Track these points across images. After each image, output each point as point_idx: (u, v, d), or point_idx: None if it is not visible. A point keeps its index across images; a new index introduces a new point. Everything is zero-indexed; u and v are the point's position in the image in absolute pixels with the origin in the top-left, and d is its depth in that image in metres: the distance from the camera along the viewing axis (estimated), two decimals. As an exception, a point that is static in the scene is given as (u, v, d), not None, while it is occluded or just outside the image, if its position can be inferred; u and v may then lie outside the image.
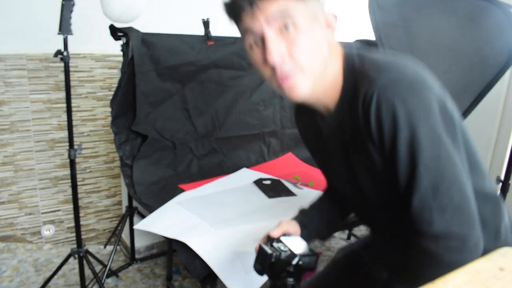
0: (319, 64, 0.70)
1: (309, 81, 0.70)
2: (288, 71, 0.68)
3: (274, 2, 0.66)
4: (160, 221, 1.36)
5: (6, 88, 2.13)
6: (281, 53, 0.68)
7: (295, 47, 0.68)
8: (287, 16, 0.67)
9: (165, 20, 2.37)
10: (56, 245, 2.36)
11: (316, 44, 0.70)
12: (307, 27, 0.68)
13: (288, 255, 0.75)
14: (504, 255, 0.45)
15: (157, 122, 1.73)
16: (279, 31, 0.68)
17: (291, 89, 0.70)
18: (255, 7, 0.67)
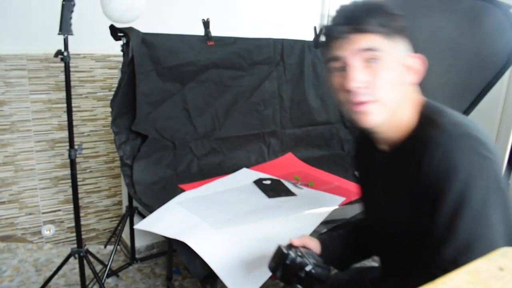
0: (394, 101, 0.75)
1: (382, 112, 0.75)
2: (363, 100, 0.74)
3: (366, 38, 0.73)
4: (160, 221, 1.36)
5: (7, 88, 2.13)
6: (360, 82, 0.73)
7: (376, 79, 0.73)
8: (374, 52, 0.73)
9: (165, 20, 2.37)
10: (57, 245, 2.37)
11: (395, 82, 0.75)
12: (391, 64, 0.74)
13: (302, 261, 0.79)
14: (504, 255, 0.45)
15: (157, 122, 1.73)
16: (364, 63, 0.74)
17: (363, 114, 0.75)
18: (347, 38, 0.74)
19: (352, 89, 0.73)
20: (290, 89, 2.10)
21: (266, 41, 1.98)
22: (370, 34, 0.73)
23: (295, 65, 2.09)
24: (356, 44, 0.73)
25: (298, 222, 1.36)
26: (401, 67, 0.76)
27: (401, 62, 0.76)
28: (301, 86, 2.13)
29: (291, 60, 2.07)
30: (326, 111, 2.23)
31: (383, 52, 0.73)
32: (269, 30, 2.22)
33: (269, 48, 1.99)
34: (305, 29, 2.25)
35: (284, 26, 2.77)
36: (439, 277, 0.64)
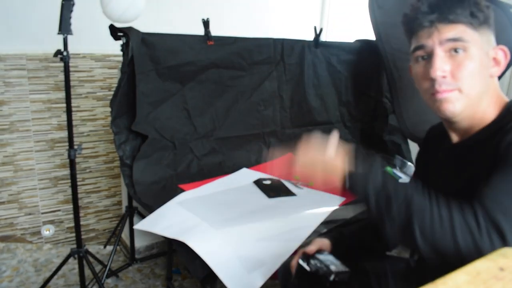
0: (476, 91, 0.76)
1: (463, 102, 0.76)
2: (446, 89, 0.75)
3: (453, 27, 0.74)
4: (160, 221, 1.35)
5: (6, 88, 2.13)
6: (444, 70, 0.75)
7: (460, 69, 0.74)
8: (460, 42, 0.74)
9: (165, 20, 2.37)
10: (56, 245, 2.36)
11: (479, 73, 0.75)
12: (476, 55, 0.74)
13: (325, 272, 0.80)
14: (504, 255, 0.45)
15: (157, 122, 1.73)
16: (448, 52, 0.75)
17: (443, 101, 0.76)
18: (434, 28, 0.75)
19: (436, 77, 0.74)
20: (290, 89, 2.10)
21: (266, 41, 1.98)
22: (458, 24, 0.74)
23: (295, 65, 2.08)
24: (443, 34, 0.74)
25: (298, 222, 1.36)
26: (485, 59, 0.76)
27: (485, 54, 0.76)
28: (301, 86, 2.12)
29: (291, 60, 2.07)
30: (326, 111, 2.23)
31: (469, 43, 0.74)
32: (269, 30, 2.22)
33: (269, 48, 1.99)
34: (305, 29, 2.25)
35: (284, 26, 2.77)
36: (487, 204, 0.62)
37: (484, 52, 0.76)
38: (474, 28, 0.74)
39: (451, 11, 0.73)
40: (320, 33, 2.11)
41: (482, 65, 0.75)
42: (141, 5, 1.61)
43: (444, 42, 0.74)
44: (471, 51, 0.74)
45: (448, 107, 0.76)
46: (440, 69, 0.74)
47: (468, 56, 0.74)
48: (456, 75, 0.74)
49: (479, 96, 0.76)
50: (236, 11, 2.65)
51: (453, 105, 0.76)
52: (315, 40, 2.11)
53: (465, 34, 0.74)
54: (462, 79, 0.74)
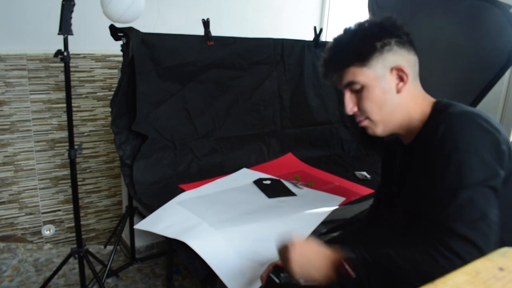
0: (383, 114, 0.86)
1: (378, 126, 0.87)
2: (359, 119, 0.88)
3: (345, 73, 0.86)
4: (160, 221, 1.36)
5: (7, 88, 2.13)
6: (351, 108, 0.88)
7: (362, 104, 0.86)
8: (354, 84, 0.85)
9: (165, 20, 2.37)
10: (56, 245, 2.37)
11: (381, 100, 0.85)
12: (372, 87, 0.84)
13: (294, 285, 0.82)
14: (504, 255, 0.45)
15: (157, 122, 1.73)
16: (354, 91, 0.87)
17: (367, 128, 0.89)
18: (334, 76, 0.89)
19: (349, 113, 0.88)
20: (290, 89, 2.10)
21: (266, 41, 1.98)
22: (348, 68, 0.85)
23: (295, 65, 2.08)
24: (340, 81, 0.88)
25: (298, 222, 1.36)
26: (384, 85, 0.84)
27: (383, 79, 0.84)
28: (301, 86, 2.13)
29: (291, 60, 2.07)
30: (326, 111, 2.23)
31: (361, 81, 0.84)
32: (269, 30, 2.22)
33: (269, 48, 1.99)
34: (305, 29, 2.25)
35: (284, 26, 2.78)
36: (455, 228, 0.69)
37: (381, 80, 0.84)
38: (362, 65, 0.83)
39: (336, 61, 0.87)
40: (320, 33, 2.11)
41: (382, 92, 0.84)
42: (141, 5, 1.61)
43: (346, 86, 0.87)
44: (368, 86, 0.84)
45: (372, 131, 0.88)
46: (348, 108, 0.88)
47: (366, 91, 0.84)
48: (361, 109, 0.87)
49: (389, 115, 0.86)
50: (236, 11, 2.65)
51: (373, 129, 0.88)
52: (315, 40, 2.11)
53: (355, 75, 0.84)
54: (367, 111, 0.86)
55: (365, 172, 1.91)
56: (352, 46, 0.85)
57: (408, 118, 0.86)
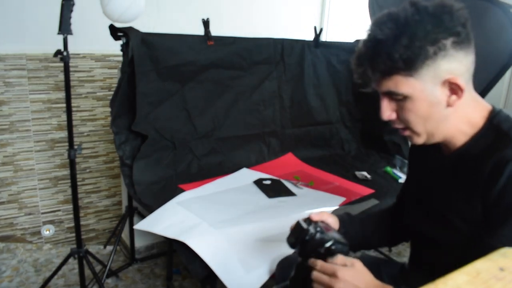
0: (427, 128, 0.75)
1: (421, 137, 0.77)
2: (398, 127, 0.78)
3: (386, 80, 0.72)
4: (160, 221, 1.35)
5: (6, 88, 2.13)
6: (389, 115, 0.77)
7: (404, 114, 0.75)
8: (395, 95, 0.73)
9: (165, 20, 2.37)
10: (56, 245, 2.36)
11: (424, 112, 0.73)
12: (417, 100, 0.72)
13: (322, 237, 0.76)
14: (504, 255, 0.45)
15: (157, 122, 1.73)
16: (392, 99, 0.75)
17: (408, 137, 0.79)
18: (373, 81, 0.75)
19: (386, 120, 0.77)
20: (290, 89, 2.10)
21: (266, 41, 1.98)
22: (392, 76, 0.70)
23: (295, 65, 2.08)
24: (380, 86, 0.74)
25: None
26: (431, 98, 0.71)
27: (431, 93, 0.71)
28: (301, 86, 2.12)
29: (291, 60, 2.07)
30: (326, 111, 2.23)
31: (406, 92, 0.71)
32: (269, 30, 2.22)
33: (269, 48, 1.99)
34: (305, 29, 2.25)
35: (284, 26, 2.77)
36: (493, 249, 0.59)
37: (427, 92, 0.71)
38: (408, 74, 0.69)
39: (379, 64, 0.70)
40: (320, 33, 2.11)
41: (429, 105, 0.72)
42: (141, 5, 1.61)
43: (385, 94, 0.75)
44: (412, 98, 0.71)
45: (413, 141, 0.78)
46: (385, 115, 0.76)
47: (409, 102, 0.72)
48: (401, 118, 0.76)
49: (436, 127, 0.75)
50: (236, 11, 2.65)
51: (415, 139, 0.78)
52: (315, 40, 2.11)
53: (398, 86, 0.71)
54: (408, 121, 0.75)
55: (365, 172, 1.91)
56: (398, 50, 0.67)
57: (456, 130, 0.76)
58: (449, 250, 0.79)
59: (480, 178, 0.70)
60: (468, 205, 0.73)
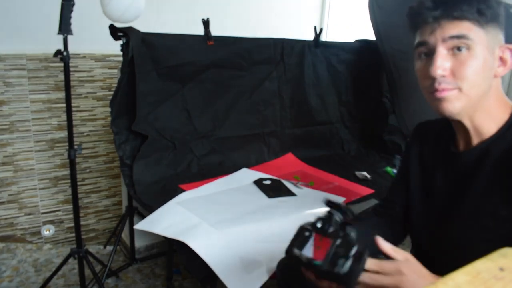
0: (476, 91, 0.73)
1: (462, 101, 0.73)
2: (446, 88, 0.72)
3: (457, 24, 0.71)
4: (160, 221, 1.35)
5: (6, 88, 2.13)
6: (445, 69, 0.72)
7: (462, 69, 0.71)
8: (464, 40, 0.71)
9: (165, 20, 2.37)
10: (56, 245, 2.36)
11: (482, 73, 0.72)
12: (480, 54, 0.71)
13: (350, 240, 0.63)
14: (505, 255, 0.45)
15: (157, 122, 1.73)
16: (451, 50, 0.72)
17: (442, 100, 0.73)
18: (437, 24, 0.72)
19: (437, 76, 0.72)
20: (290, 89, 2.10)
21: (266, 41, 1.98)
22: (463, 21, 0.70)
23: (295, 65, 2.08)
24: (446, 31, 0.71)
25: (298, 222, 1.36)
26: (489, 58, 0.72)
27: (491, 53, 0.73)
28: (301, 86, 2.12)
29: (291, 60, 2.07)
30: (326, 111, 2.23)
31: (473, 41, 0.70)
32: (269, 30, 2.22)
33: (269, 48, 1.99)
34: (305, 29, 2.25)
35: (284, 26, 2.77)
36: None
37: (489, 51, 0.72)
38: (480, 25, 0.71)
39: (457, 7, 0.70)
40: (320, 33, 2.11)
41: (485, 65, 0.72)
42: (141, 5, 1.61)
43: (447, 40, 0.71)
44: (475, 50, 0.71)
45: (447, 106, 0.74)
46: (441, 68, 0.72)
47: (471, 55, 0.71)
48: (457, 74, 0.72)
49: (479, 96, 0.73)
50: (236, 11, 2.65)
51: (452, 104, 0.73)
52: (315, 40, 2.11)
53: (470, 32, 0.70)
54: (463, 78, 0.71)
55: (365, 172, 1.91)
56: (484, 0, 0.71)
57: (489, 114, 0.75)
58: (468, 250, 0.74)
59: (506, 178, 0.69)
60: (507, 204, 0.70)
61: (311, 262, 0.61)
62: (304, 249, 0.62)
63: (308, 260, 0.61)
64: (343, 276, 0.58)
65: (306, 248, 0.62)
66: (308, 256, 0.62)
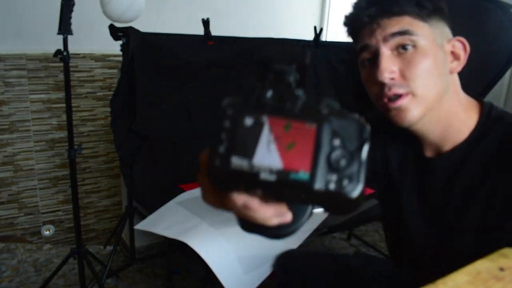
0: (433, 92, 0.65)
1: (421, 107, 0.64)
2: (397, 93, 0.64)
3: (397, 21, 0.64)
4: (160, 221, 1.36)
5: (6, 88, 2.13)
6: (392, 72, 0.64)
7: (411, 68, 0.64)
8: (408, 36, 0.64)
9: (165, 20, 2.37)
10: (56, 245, 2.36)
11: (434, 70, 0.64)
12: (428, 50, 0.64)
13: None
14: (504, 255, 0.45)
15: (157, 122, 1.73)
16: (395, 50, 0.65)
17: (398, 111, 0.65)
18: (376, 23, 0.65)
19: (384, 80, 0.64)
20: (290, 89, 2.10)
21: (266, 41, 1.98)
22: (403, 16, 0.64)
23: (295, 65, 2.08)
24: (386, 29, 0.64)
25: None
26: (440, 53, 0.65)
27: (440, 47, 0.66)
28: (301, 86, 2.12)
29: (291, 60, 2.06)
30: (326, 111, 2.23)
31: (418, 36, 0.63)
32: (269, 30, 2.22)
33: (269, 48, 1.99)
34: (305, 29, 2.25)
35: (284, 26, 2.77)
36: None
37: (437, 46, 0.65)
38: (422, 19, 0.64)
39: (393, 1, 0.64)
40: (320, 33, 2.11)
41: (437, 61, 0.65)
42: (141, 5, 1.61)
43: (389, 38, 0.64)
44: (422, 46, 0.64)
45: (404, 117, 0.65)
46: (387, 70, 0.64)
47: (419, 52, 0.64)
48: (406, 75, 0.64)
49: (438, 97, 0.65)
50: (236, 11, 2.65)
51: (410, 113, 0.64)
52: (315, 40, 2.11)
53: (413, 26, 0.63)
54: (414, 79, 0.63)
55: (365, 172, 1.91)
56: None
57: (455, 116, 0.67)
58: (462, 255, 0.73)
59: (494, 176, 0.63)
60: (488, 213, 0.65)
61: (285, 177, 0.30)
62: (258, 154, 0.30)
63: (278, 175, 0.30)
64: (352, 201, 0.30)
65: (260, 150, 0.30)
66: (276, 167, 0.30)
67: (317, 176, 0.29)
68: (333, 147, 0.30)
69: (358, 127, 0.30)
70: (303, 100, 0.32)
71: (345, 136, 0.30)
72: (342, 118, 0.31)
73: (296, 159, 0.30)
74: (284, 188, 0.30)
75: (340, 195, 0.29)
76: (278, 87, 0.33)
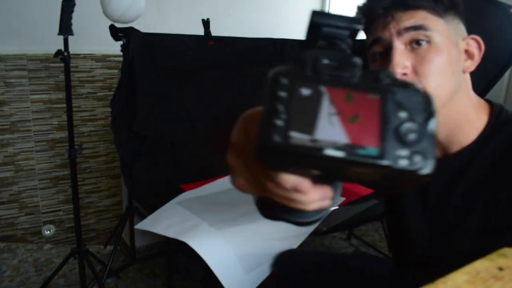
0: (446, 90, 0.63)
1: None
2: None
3: (412, 14, 0.62)
4: (161, 221, 1.36)
5: (7, 88, 2.13)
6: (405, 67, 0.62)
7: (424, 64, 0.61)
8: (422, 31, 0.61)
9: (165, 20, 2.37)
10: (57, 245, 2.36)
11: (448, 67, 0.62)
12: (442, 46, 0.62)
13: None
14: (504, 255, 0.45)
15: (157, 122, 1.73)
16: (409, 45, 0.63)
17: None
18: (390, 16, 0.63)
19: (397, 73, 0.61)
20: (290, 89, 2.10)
21: (266, 42, 1.98)
22: (418, 10, 0.62)
23: (295, 65, 2.08)
24: (401, 23, 0.62)
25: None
26: (454, 51, 0.63)
27: (455, 45, 0.64)
28: (301, 86, 2.13)
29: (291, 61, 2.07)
30: (326, 111, 2.23)
31: (432, 32, 0.61)
32: (269, 30, 2.22)
33: (269, 48, 1.99)
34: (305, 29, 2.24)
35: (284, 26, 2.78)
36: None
37: (452, 43, 0.63)
38: (438, 14, 0.62)
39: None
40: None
41: (451, 58, 0.63)
42: (141, 5, 1.61)
43: (403, 32, 0.62)
44: (437, 42, 0.62)
45: None
46: (400, 65, 0.61)
47: (433, 48, 0.61)
48: (419, 72, 0.61)
49: (450, 95, 0.63)
50: (236, 11, 2.65)
51: None
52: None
53: (428, 21, 0.61)
54: (427, 75, 0.61)
55: (365, 172, 1.91)
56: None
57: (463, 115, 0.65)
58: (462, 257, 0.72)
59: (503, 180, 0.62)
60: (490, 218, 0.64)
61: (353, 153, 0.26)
62: (319, 128, 0.27)
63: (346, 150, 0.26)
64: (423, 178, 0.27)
65: (321, 124, 0.27)
66: (341, 142, 0.26)
67: (387, 151, 0.26)
68: (400, 120, 0.27)
69: (424, 99, 0.29)
70: (360, 69, 0.29)
71: (411, 108, 0.28)
72: (405, 88, 0.28)
73: (362, 133, 0.27)
74: (349, 166, 0.27)
75: (411, 172, 0.26)
76: (333, 54, 0.29)
